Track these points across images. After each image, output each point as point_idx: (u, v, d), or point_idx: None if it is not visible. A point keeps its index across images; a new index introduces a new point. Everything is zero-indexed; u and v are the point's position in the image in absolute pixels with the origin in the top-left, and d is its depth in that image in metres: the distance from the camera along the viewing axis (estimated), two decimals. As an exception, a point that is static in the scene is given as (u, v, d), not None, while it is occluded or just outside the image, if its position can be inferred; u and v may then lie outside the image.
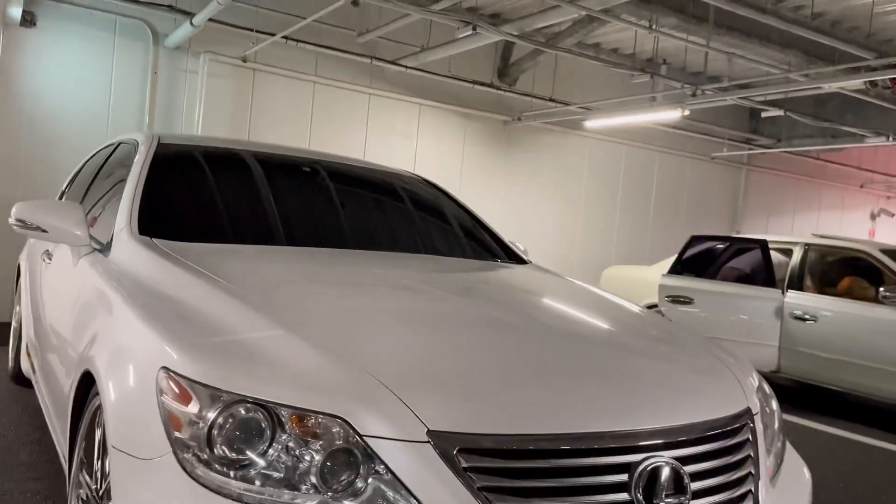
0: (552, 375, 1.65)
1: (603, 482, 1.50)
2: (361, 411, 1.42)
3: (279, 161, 3.11)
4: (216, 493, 1.34)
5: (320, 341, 1.58)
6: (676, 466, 1.57)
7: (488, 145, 9.30)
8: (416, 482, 1.37)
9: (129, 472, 1.44)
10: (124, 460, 1.46)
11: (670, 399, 1.73)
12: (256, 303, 1.76)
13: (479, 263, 2.91)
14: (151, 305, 1.80)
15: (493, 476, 1.40)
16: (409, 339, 1.70)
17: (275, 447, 1.39)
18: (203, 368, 1.46)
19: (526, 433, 1.45)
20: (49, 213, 2.49)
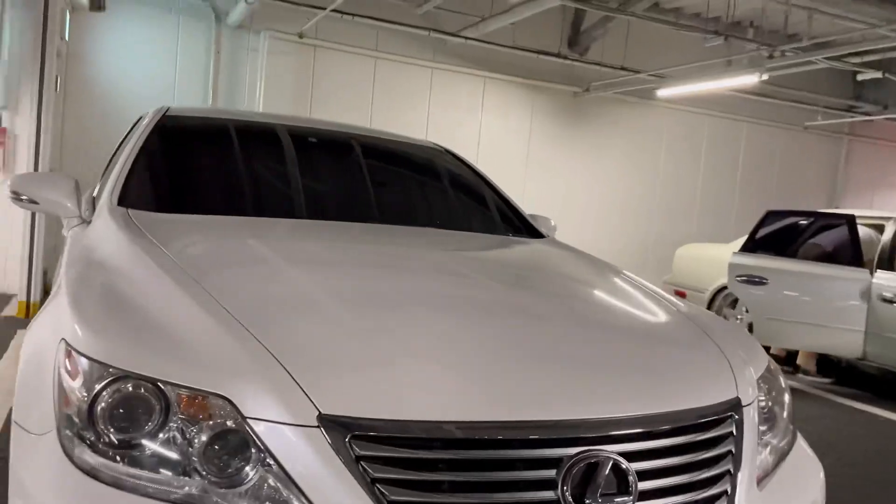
0: (484, 359, 1.47)
1: (524, 478, 1.31)
2: (250, 392, 1.29)
3: (284, 132, 3.02)
4: (89, 475, 1.25)
5: (235, 321, 1.45)
6: (618, 462, 1.36)
7: (557, 118, 8.97)
8: (302, 471, 1.23)
9: (18, 447, 1.38)
10: (19, 434, 1.40)
11: (628, 387, 1.52)
12: (188, 280, 1.64)
13: (480, 237, 2.73)
14: (83, 278, 1.73)
15: (390, 467, 1.25)
16: (339, 319, 1.55)
17: (159, 428, 1.28)
18: (96, 343, 1.37)
19: (431, 420, 1.29)
20: (40, 184, 2.50)
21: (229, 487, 1.25)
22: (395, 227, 2.58)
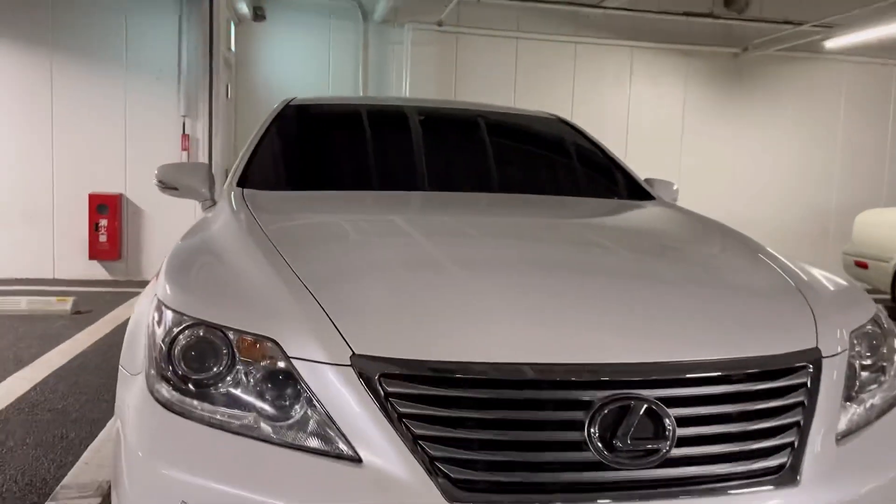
0: (523, 307, 1.50)
1: (551, 418, 1.32)
2: (293, 334, 1.41)
3: (393, 111, 3.17)
4: (164, 406, 1.44)
5: (296, 278, 1.58)
6: (654, 406, 1.33)
7: (714, 84, 8.44)
8: (338, 407, 1.33)
9: (121, 385, 1.61)
10: (122, 375, 1.64)
11: (678, 333, 1.47)
12: (268, 246, 1.80)
13: (584, 202, 2.70)
14: (185, 246, 1.96)
15: (416, 403, 1.32)
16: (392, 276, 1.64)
17: (222, 367, 1.45)
18: (176, 297, 1.56)
19: (456, 360, 1.34)
20: (179, 173, 2.83)
21: (278, 420, 1.38)
22: (499, 196, 2.63)
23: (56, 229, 7.46)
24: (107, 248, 7.46)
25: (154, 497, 1.36)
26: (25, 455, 2.80)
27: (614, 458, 1.30)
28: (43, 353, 4.38)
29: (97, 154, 7.40)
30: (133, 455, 1.41)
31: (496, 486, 1.28)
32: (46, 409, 3.36)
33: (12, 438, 2.97)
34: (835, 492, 1.39)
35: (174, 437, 1.39)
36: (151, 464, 1.37)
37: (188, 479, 1.32)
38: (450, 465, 1.28)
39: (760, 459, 1.38)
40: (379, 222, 2.19)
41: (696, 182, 8.53)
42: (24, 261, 7.41)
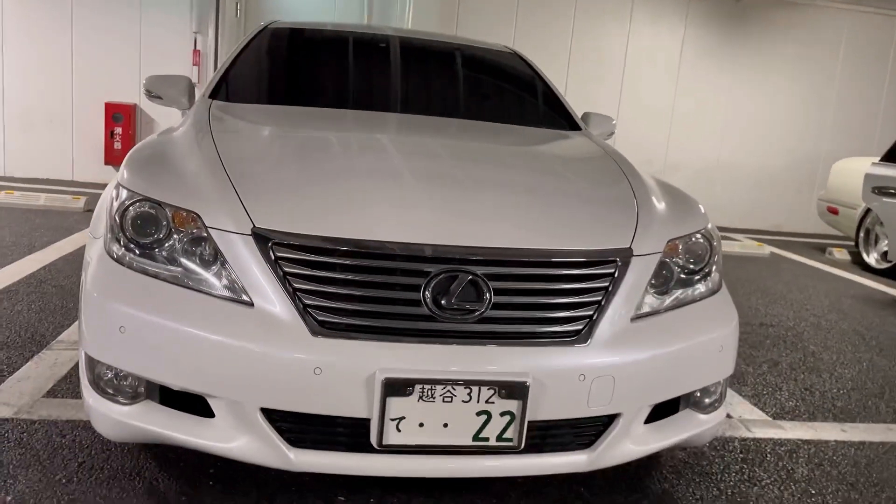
0: (395, 200, 1.92)
1: (399, 282, 1.76)
2: (211, 208, 1.86)
3: (363, 38, 3.53)
4: (117, 261, 1.89)
5: (221, 165, 2.02)
6: (476, 279, 1.76)
7: (713, 27, 8.55)
8: (239, 266, 1.78)
9: (88, 245, 2.08)
10: (89, 238, 2.10)
11: (517, 226, 1.91)
12: (209, 141, 2.23)
13: (509, 128, 3.06)
14: (147, 142, 2.40)
15: (297, 266, 1.76)
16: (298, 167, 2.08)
17: (159, 233, 1.89)
18: (129, 178, 2.02)
19: (334, 236, 1.77)
20: (163, 84, 3.24)
21: (197, 275, 1.83)
22: (439, 119, 2.98)
23: (75, 135, 7.94)
24: (121, 154, 7.94)
25: (101, 323, 1.83)
26: (30, 317, 3.32)
27: (441, 313, 1.75)
28: (54, 241, 4.90)
29: (114, 65, 7.80)
30: (90, 295, 1.88)
31: (350, 327, 1.74)
32: (52, 285, 3.89)
33: (20, 304, 3.50)
34: (615, 355, 1.83)
35: (119, 282, 1.86)
36: (101, 300, 1.84)
37: (125, 310, 1.79)
38: (317, 310, 1.74)
39: (560, 325, 1.82)
40: (312, 129, 2.61)
41: (687, 124, 8.74)
42: (46, 163, 7.93)
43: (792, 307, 4.98)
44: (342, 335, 1.73)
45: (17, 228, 5.22)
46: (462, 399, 1.73)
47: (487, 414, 1.75)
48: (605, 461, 1.91)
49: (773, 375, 3.46)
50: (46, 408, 2.41)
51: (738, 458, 2.50)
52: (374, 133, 2.65)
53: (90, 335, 1.87)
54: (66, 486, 1.98)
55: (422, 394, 1.71)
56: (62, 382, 2.63)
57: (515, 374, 1.74)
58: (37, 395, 2.49)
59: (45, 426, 2.28)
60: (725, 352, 2.06)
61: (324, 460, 1.78)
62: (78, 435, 2.24)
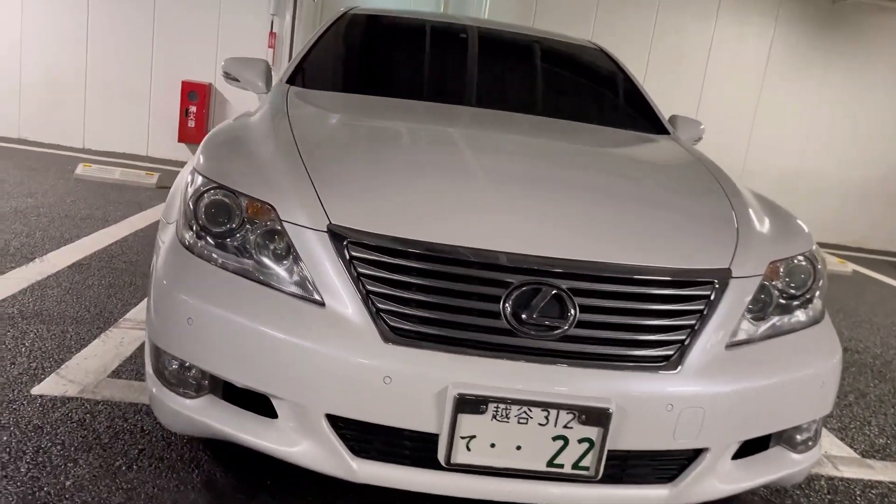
0: (478, 203, 1.81)
1: (478, 291, 1.65)
2: (287, 202, 1.78)
3: (445, 27, 3.42)
4: (188, 249, 1.84)
5: (298, 156, 1.94)
6: (561, 293, 1.64)
7: (806, 29, 8.11)
8: (312, 263, 1.70)
9: (160, 230, 2.03)
10: (161, 223, 2.06)
11: (607, 238, 1.77)
12: (287, 131, 2.16)
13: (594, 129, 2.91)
14: (223, 127, 2.35)
15: (372, 267, 1.67)
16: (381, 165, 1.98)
17: (233, 223, 1.83)
18: (205, 165, 1.96)
19: (413, 238, 1.67)
20: (241, 66, 3.20)
21: (269, 269, 1.76)
22: (523, 116, 2.86)
23: (151, 112, 8.09)
24: (194, 133, 8.06)
25: (169, 313, 1.78)
26: (99, 293, 3.35)
27: (521, 328, 1.63)
28: (127, 216, 4.98)
29: (192, 44, 7.91)
30: (160, 282, 1.83)
31: (423, 335, 1.63)
32: (122, 261, 3.93)
33: (91, 278, 3.54)
34: (708, 385, 1.68)
35: (190, 271, 1.80)
36: (170, 289, 1.79)
37: (194, 302, 1.73)
38: (390, 315, 1.64)
39: (649, 348, 1.68)
40: (391, 123, 2.51)
41: (770, 129, 8.35)
42: (122, 137, 8.12)
43: (878, 332, 4.67)
44: (415, 343, 1.63)
45: (92, 201, 5.33)
46: (538, 422, 1.61)
47: (564, 439, 1.63)
48: (687, 498, 1.76)
49: (860, 407, 3.23)
50: (110, 388, 2.40)
51: (825, 500, 2.31)
52: (455, 128, 2.54)
53: (158, 324, 1.82)
54: (125, 473, 1.95)
55: (496, 413, 1.60)
56: (127, 363, 2.62)
57: (598, 399, 1.61)
58: (101, 375, 2.49)
59: (108, 408, 2.27)
60: (826, 388, 1.88)
61: (388, 473, 1.69)
62: (140, 420, 2.22)
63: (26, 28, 7.88)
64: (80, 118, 8.08)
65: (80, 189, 5.73)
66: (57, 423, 2.13)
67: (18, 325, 2.82)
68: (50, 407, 2.23)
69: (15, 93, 8.02)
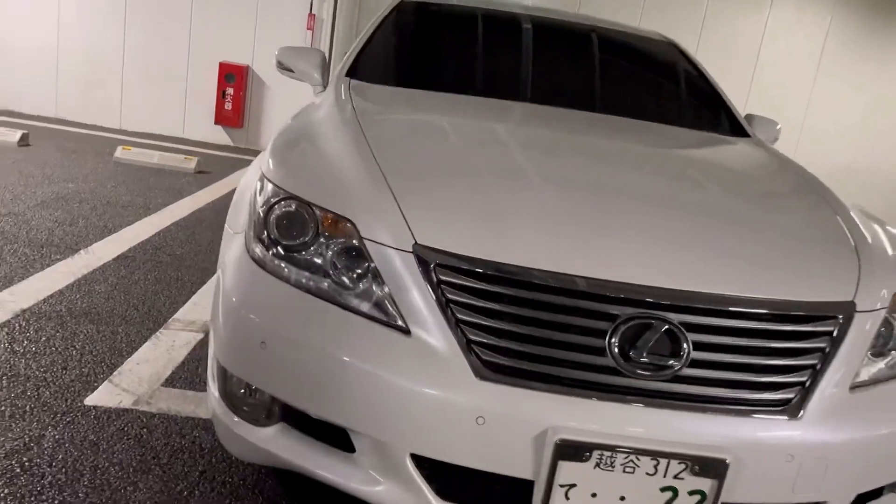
0: (576, 224, 1.64)
1: (582, 324, 1.50)
2: (368, 218, 1.63)
3: (507, 17, 3.24)
4: (257, 263, 1.71)
5: (377, 167, 1.79)
6: (673, 329, 1.48)
7: (864, 17, 7.77)
8: (396, 286, 1.56)
9: (226, 240, 1.90)
10: (227, 232, 1.93)
11: (719, 267, 1.59)
12: (359, 135, 2.00)
13: (673, 130, 2.73)
14: (290, 128, 2.20)
15: (463, 293, 1.52)
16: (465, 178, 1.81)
17: (306, 237, 1.69)
18: (276, 173, 1.82)
19: (504, 261, 1.52)
20: (296, 57, 3.05)
21: (347, 289, 1.62)
22: (596, 116, 2.69)
23: (188, 93, 7.99)
24: (231, 115, 7.95)
25: (240, 335, 1.66)
26: (146, 289, 3.25)
27: (628, 366, 1.48)
28: (168, 204, 4.88)
29: (230, 25, 7.78)
30: (228, 299, 1.70)
31: (519, 372, 1.48)
32: (166, 254, 3.83)
33: (137, 273, 3.44)
34: (832, 432, 1.52)
35: (262, 290, 1.67)
36: (240, 308, 1.66)
37: (268, 324, 1.60)
38: (483, 348, 1.49)
39: (768, 392, 1.52)
40: (470, 126, 2.34)
41: (822, 121, 8.05)
42: (159, 118, 8.04)
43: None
44: (510, 381, 1.48)
45: (132, 187, 5.24)
46: (646, 471, 1.46)
47: (674, 491, 1.48)
48: (800, 554, 1.61)
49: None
50: (165, 399, 2.30)
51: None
52: (544, 137, 2.36)
53: (226, 344, 1.70)
54: (186, 499, 1.84)
55: (600, 460, 1.45)
56: (180, 370, 2.51)
57: (713, 448, 1.46)
58: (155, 383, 2.39)
59: (165, 422, 2.16)
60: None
61: (477, 520, 1.56)
62: (198, 437, 2.11)
63: (64, 8, 7.80)
64: (118, 99, 8.01)
65: (120, 173, 5.65)
66: (113, 439, 2.03)
67: (68, 325, 2.73)
68: (105, 420, 2.13)
69: (53, 73, 7.96)
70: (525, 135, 2.32)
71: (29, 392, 2.21)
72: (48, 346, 2.53)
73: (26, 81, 7.95)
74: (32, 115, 7.89)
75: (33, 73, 7.95)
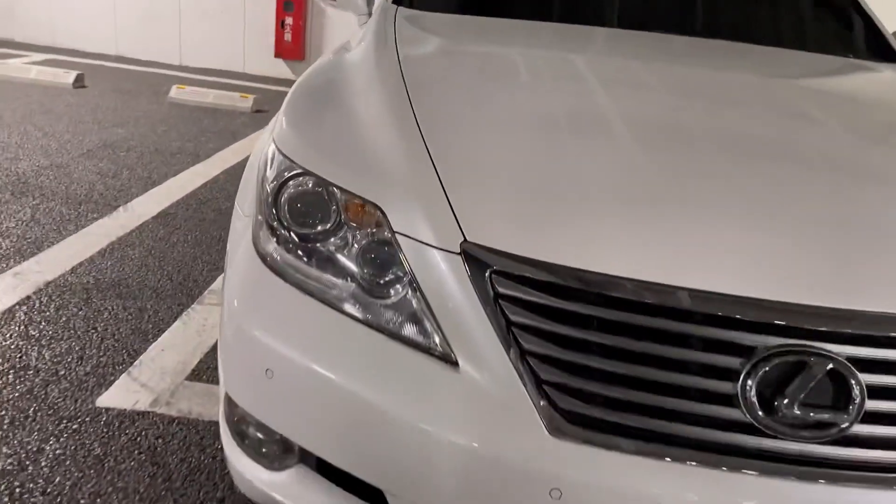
0: (687, 214, 1.16)
1: (700, 360, 1.05)
2: (401, 205, 1.21)
3: None
4: (264, 260, 1.32)
5: (420, 138, 1.34)
6: (842, 368, 1.01)
7: None
8: (438, 298, 1.13)
9: (235, 219, 1.51)
10: (236, 213, 1.54)
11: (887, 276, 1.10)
12: (400, 91, 1.53)
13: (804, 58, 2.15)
14: (320, 75, 1.77)
15: (532, 313, 1.09)
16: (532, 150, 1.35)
17: (329, 225, 1.29)
18: (291, 141, 1.41)
19: (594, 269, 1.07)
20: (337, -17, 2.59)
21: (376, 297, 1.21)
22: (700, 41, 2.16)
23: (246, 25, 7.60)
24: (291, 46, 7.54)
25: (242, 356, 1.29)
26: (184, 253, 2.95)
27: (772, 422, 1.02)
28: (219, 149, 4.57)
29: (286, -52, 7.27)
30: (229, 304, 1.33)
31: (611, 427, 1.05)
32: (211, 209, 3.52)
33: (176, 234, 3.14)
34: None
35: (269, 296, 1.28)
36: (242, 320, 1.28)
37: (276, 347, 1.22)
38: (560, 391, 1.07)
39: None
40: (544, 67, 1.84)
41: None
42: (218, 53, 7.72)
43: None
44: (598, 438, 1.06)
45: (184, 130, 4.95)
46: (799, 574, 1.03)
47: None
48: None
49: None
50: (188, 397, 1.99)
51: None
52: (638, 75, 1.83)
53: (230, 370, 1.33)
54: (198, 540, 1.53)
55: (731, 557, 1.03)
56: (208, 358, 2.20)
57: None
58: (179, 377, 2.08)
59: (184, 429, 1.85)
60: None
61: None
62: (220, 449, 1.80)
63: (117, -64, 7.46)
64: (176, 34, 7.70)
65: (173, 115, 5.36)
66: (122, 454, 1.74)
67: (93, 302, 2.45)
68: (116, 427, 1.83)
69: (111, 8, 7.70)
70: (613, 74, 1.80)
71: (36, 390, 1.94)
72: (66, 329, 2.26)
73: (85, 19, 7.74)
74: (94, 54, 7.69)
75: (92, 9, 7.72)
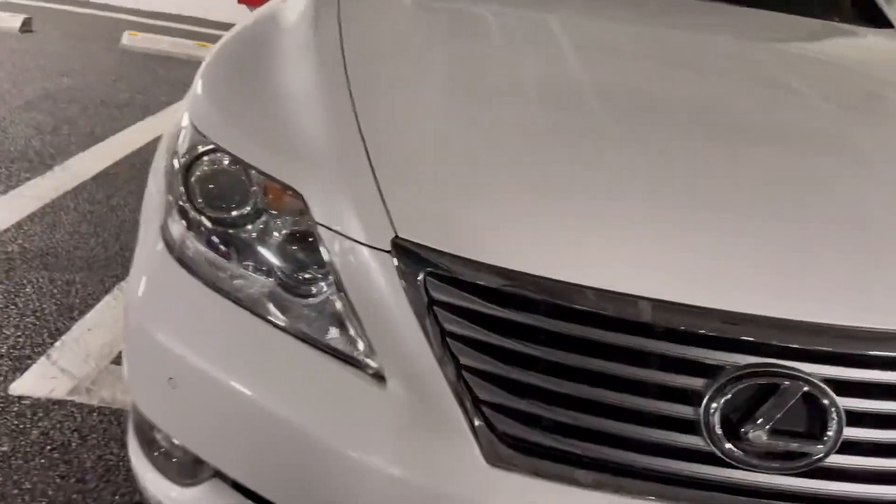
0: (648, 211, 1.02)
1: (652, 379, 0.91)
2: (323, 193, 1.05)
3: None
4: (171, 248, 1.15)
5: (353, 116, 1.16)
6: (818, 392, 0.89)
7: None
8: (364, 301, 0.98)
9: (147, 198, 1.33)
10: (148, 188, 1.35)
11: (869, 288, 0.97)
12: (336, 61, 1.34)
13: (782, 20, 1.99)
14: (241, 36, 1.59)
15: (471, 323, 0.94)
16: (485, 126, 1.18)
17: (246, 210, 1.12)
18: (205, 113, 1.24)
19: (539, 274, 0.92)
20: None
21: (296, 295, 1.06)
22: None
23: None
24: (254, -8, 7.17)
25: (142, 360, 1.14)
26: (123, 219, 2.76)
27: (738, 451, 0.89)
28: (172, 102, 4.31)
29: None
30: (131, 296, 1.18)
31: (557, 455, 0.92)
32: (157, 169, 3.30)
33: (117, 195, 2.94)
34: None
35: (173, 291, 1.13)
36: (143, 318, 1.13)
37: (179, 353, 1.06)
38: (500, 413, 0.93)
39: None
40: (507, 35, 1.65)
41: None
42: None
43: None
44: (543, 468, 0.92)
45: (135, 80, 4.66)
46: None
47: None
48: None
49: None
50: (111, 384, 1.82)
51: None
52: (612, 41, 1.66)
53: (134, 372, 1.18)
54: (109, 552, 1.39)
55: None
56: (140, 338, 2.03)
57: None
58: (104, 360, 1.91)
59: (105, 421, 1.70)
60: None
61: None
62: (142, 445, 1.65)
63: None
64: (131, -26, 7.28)
65: (125, 64, 5.05)
66: (32, 451, 1.58)
67: (16, 274, 2.26)
68: (28, 419, 1.67)
69: (60, -55, 7.23)
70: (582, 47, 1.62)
71: (-59, 377, 1.78)
72: (-17, 306, 2.08)
73: (33, -44, 7.26)
74: (45, -5, 7.25)
75: (40, -53, 7.24)
